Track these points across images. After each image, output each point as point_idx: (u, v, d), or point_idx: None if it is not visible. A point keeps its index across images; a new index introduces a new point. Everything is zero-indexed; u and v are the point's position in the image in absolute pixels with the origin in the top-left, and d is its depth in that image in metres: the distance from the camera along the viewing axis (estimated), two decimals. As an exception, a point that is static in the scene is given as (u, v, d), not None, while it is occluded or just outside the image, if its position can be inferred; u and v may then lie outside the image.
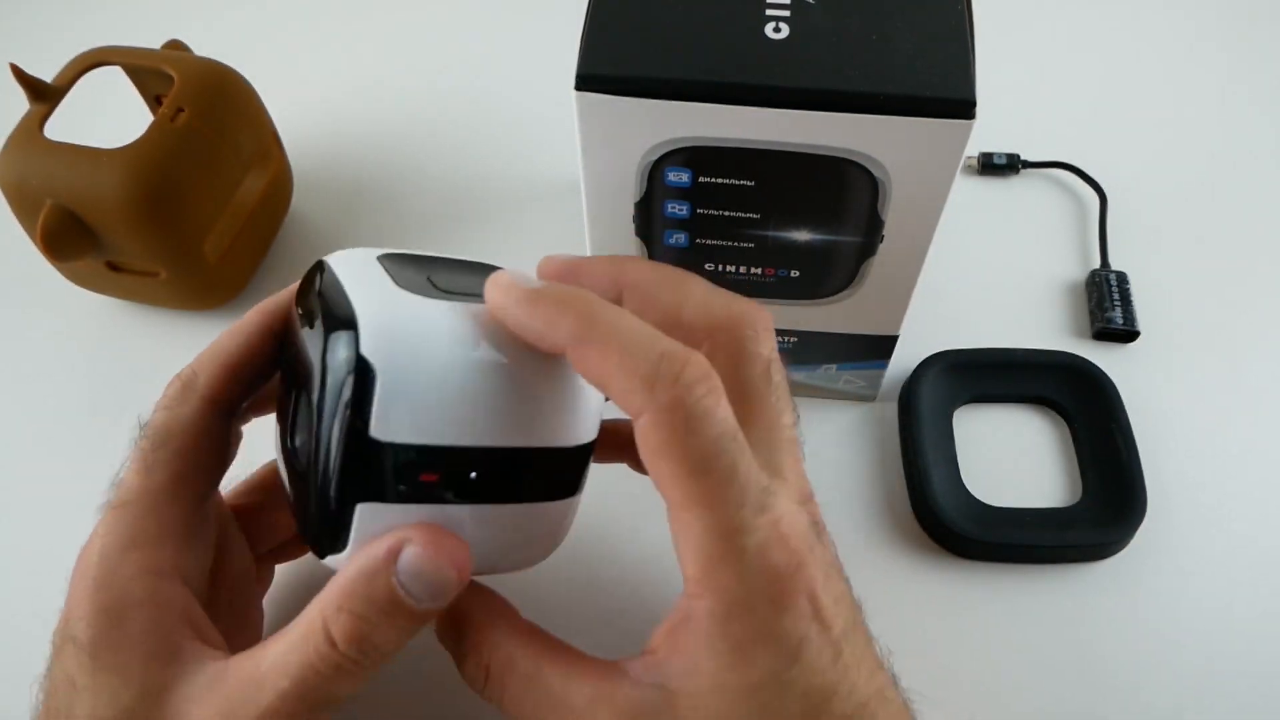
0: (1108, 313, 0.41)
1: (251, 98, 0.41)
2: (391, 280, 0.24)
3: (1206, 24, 0.53)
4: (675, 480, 0.22)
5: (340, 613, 0.23)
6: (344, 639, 0.23)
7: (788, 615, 0.22)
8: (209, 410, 0.27)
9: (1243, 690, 0.33)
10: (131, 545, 0.25)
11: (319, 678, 0.23)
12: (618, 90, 0.27)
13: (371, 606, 0.23)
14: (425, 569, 0.23)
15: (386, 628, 0.23)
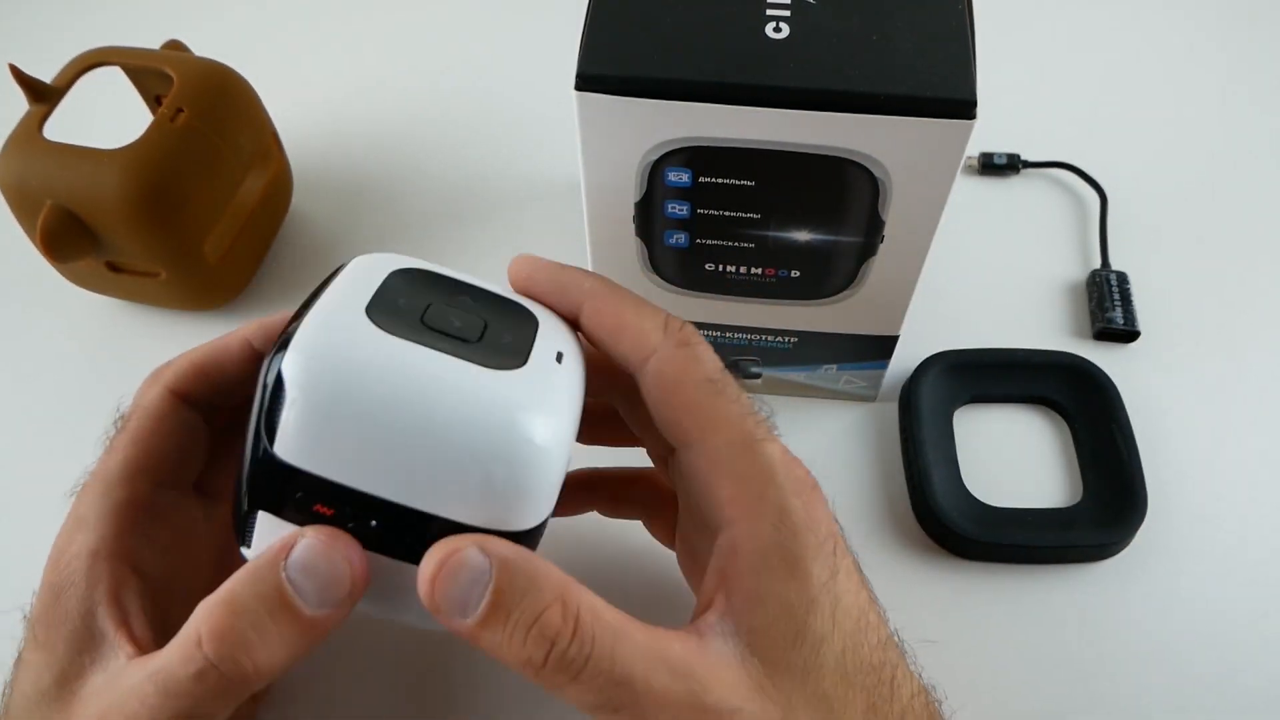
0: (1108, 313, 0.40)
1: (251, 98, 0.41)
2: (372, 303, 0.23)
3: (1206, 24, 0.53)
4: (690, 406, 0.24)
5: (215, 608, 0.21)
6: (210, 638, 0.21)
7: (825, 526, 0.24)
8: (169, 399, 0.27)
9: (1243, 690, 0.33)
10: (81, 525, 0.25)
11: (179, 688, 0.21)
12: (618, 90, 0.27)
13: (255, 602, 0.21)
14: (318, 563, 0.21)
15: (267, 632, 0.21)
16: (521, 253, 0.27)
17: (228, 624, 0.21)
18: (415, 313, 0.24)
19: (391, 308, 0.24)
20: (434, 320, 0.24)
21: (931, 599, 0.35)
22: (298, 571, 0.21)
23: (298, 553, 0.21)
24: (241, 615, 0.21)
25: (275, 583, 0.21)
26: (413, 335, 0.23)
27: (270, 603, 0.21)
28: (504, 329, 0.25)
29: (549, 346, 0.25)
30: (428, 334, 0.23)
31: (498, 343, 0.24)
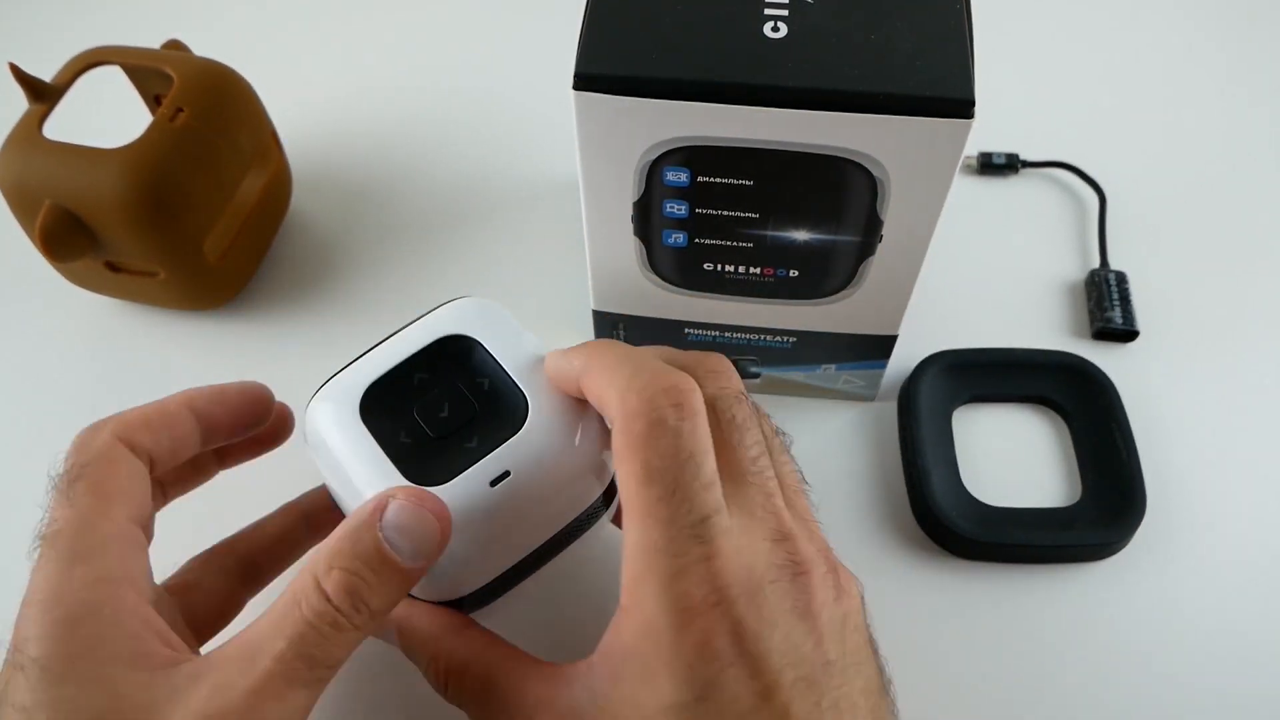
0: (1107, 312, 0.40)
1: (251, 98, 0.41)
2: (390, 373, 0.29)
3: (1206, 24, 0.53)
4: (625, 485, 0.24)
5: (331, 570, 0.24)
6: (337, 592, 0.24)
7: (695, 650, 0.22)
8: (116, 444, 0.27)
9: (1242, 690, 0.33)
10: (75, 561, 0.25)
11: (316, 634, 0.24)
12: (616, 90, 0.27)
13: (360, 562, 0.24)
14: (408, 522, 0.25)
15: (376, 584, 0.24)
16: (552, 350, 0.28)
17: (347, 580, 0.24)
18: (419, 393, 0.28)
19: (403, 382, 0.28)
20: (424, 409, 0.28)
21: (930, 598, 0.35)
22: (393, 531, 0.25)
23: (390, 514, 0.25)
24: (354, 572, 0.24)
25: (373, 541, 0.24)
26: (385, 423, 0.28)
27: (373, 560, 0.24)
28: (484, 427, 0.28)
29: (500, 463, 0.27)
30: (404, 424, 0.28)
31: (456, 448, 0.27)
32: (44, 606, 0.24)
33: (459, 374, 0.29)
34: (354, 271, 0.44)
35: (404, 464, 0.27)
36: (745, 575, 0.23)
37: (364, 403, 0.28)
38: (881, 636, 0.26)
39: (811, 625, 0.23)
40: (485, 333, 0.29)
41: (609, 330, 0.37)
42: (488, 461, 0.27)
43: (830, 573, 0.25)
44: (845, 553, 0.29)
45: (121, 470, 0.27)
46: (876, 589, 0.34)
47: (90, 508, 0.26)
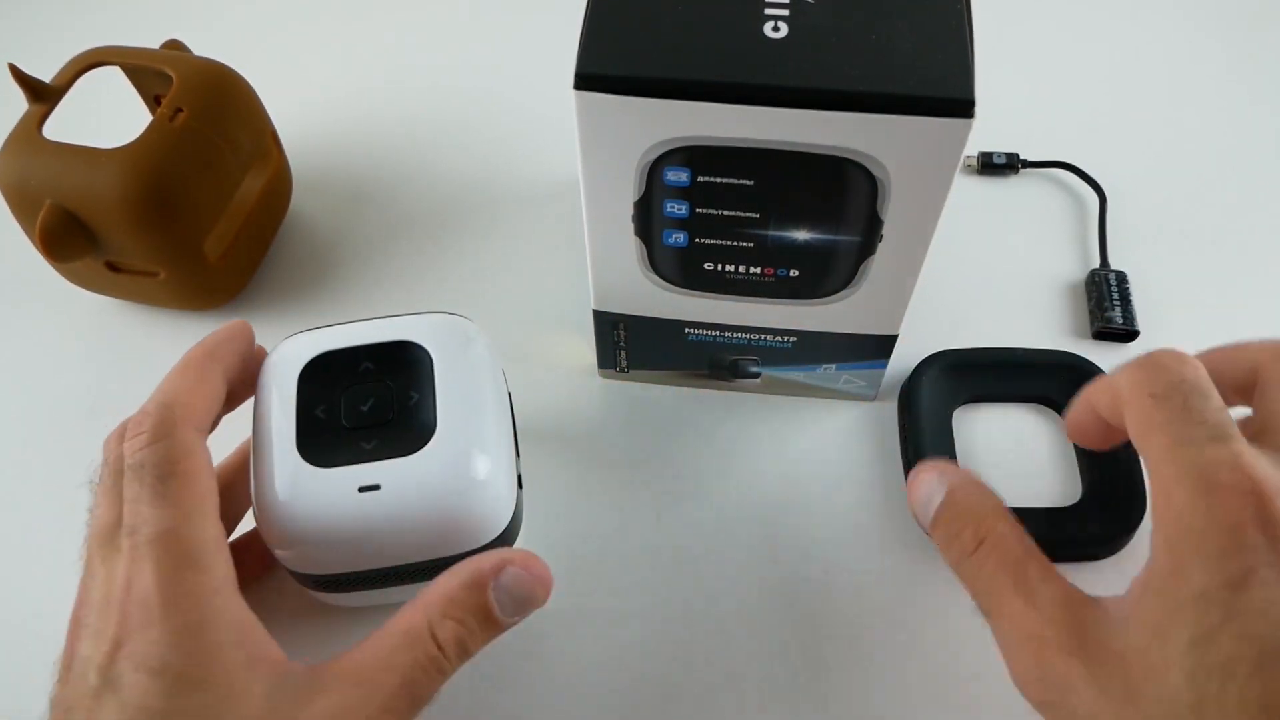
0: (1107, 312, 0.40)
1: (251, 98, 0.41)
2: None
3: (1207, 23, 0.53)
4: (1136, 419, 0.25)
5: (446, 620, 0.26)
6: (448, 642, 0.26)
7: (1227, 534, 0.22)
8: (198, 438, 0.27)
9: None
10: (185, 566, 0.25)
11: (425, 676, 0.25)
12: (617, 90, 0.27)
13: (472, 616, 0.26)
14: (518, 588, 0.27)
15: (480, 635, 0.26)
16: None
17: (459, 631, 0.26)
18: (356, 380, 0.29)
19: (349, 365, 0.29)
20: (351, 396, 0.29)
21: (931, 600, 0.35)
22: (504, 593, 0.27)
23: (506, 579, 0.27)
24: (464, 624, 0.26)
25: (484, 600, 0.26)
26: (314, 392, 0.29)
27: (481, 615, 0.26)
28: (387, 436, 0.28)
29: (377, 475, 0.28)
30: (327, 402, 0.29)
31: (354, 444, 0.28)
32: (164, 613, 0.24)
33: (398, 379, 0.29)
34: (354, 271, 0.44)
35: (305, 436, 0.28)
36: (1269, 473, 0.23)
37: (310, 366, 0.29)
38: (881, 637, 0.26)
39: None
40: (445, 354, 0.30)
41: (610, 330, 0.37)
42: (367, 468, 0.28)
43: None
44: (845, 553, 0.30)
45: (205, 464, 0.27)
46: (876, 590, 0.34)
47: (193, 509, 0.26)
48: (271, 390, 0.29)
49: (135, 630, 0.24)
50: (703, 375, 0.39)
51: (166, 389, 0.28)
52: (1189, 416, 0.24)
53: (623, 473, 0.38)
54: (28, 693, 0.26)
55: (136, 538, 0.25)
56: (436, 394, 0.29)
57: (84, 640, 0.25)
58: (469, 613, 0.26)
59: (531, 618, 0.28)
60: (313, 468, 0.27)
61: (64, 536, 0.29)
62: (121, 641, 0.24)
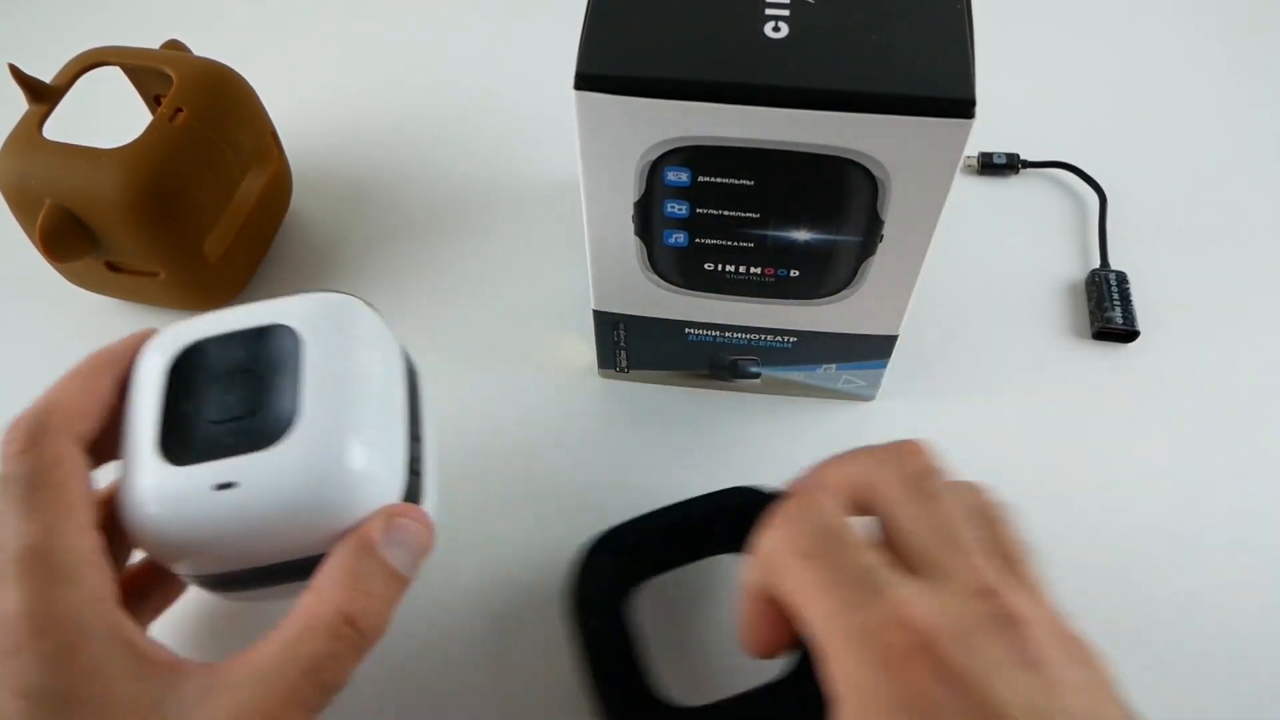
0: (1107, 313, 0.41)
1: (251, 98, 0.41)
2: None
3: (1207, 23, 0.53)
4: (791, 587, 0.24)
5: (353, 593, 0.25)
6: (358, 617, 0.25)
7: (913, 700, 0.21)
8: (70, 446, 0.26)
9: (1247, 692, 0.33)
10: (56, 581, 0.24)
11: (335, 661, 0.24)
12: (617, 90, 0.27)
13: (372, 582, 0.25)
14: (405, 537, 0.26)
15: (387, 597, 0.26)
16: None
17: (363, 602, 0.25)
18: (203, 412, 0.27)
19: (223, 354, 0.27)
20: (221, 389, 0.27)
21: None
22: (397, 547, 0.26)
23: (395, 533, 0.26)
24: (368, 594, 0.25)
25: (382, 562, 0.25)
26: (183, 383, 0.27)
27: (383, 577, 0.26)
28: (248, 430, 0.26)
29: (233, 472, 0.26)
30: (194, 395, 0.27)
31: (215, 439, 0.26)
32: (30, 636, 0.23)
33: (267, 367, 0.27)
34: (354, 271, 0.44)
35: (170, 433, 0.26)
36: (947, 621, 0.22)
37: (181, 358, 0.28)
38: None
39: (1041, 675, 0.21)
40: (317, 336, 0.27)
41: (610, 330, 0.37)
42: (224, 464, 0.26)
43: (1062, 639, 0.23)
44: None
45: (79, 473, 0.26)
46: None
47: (60, 520, 0.25)
48: (139, 386, 0.27)
49: (4, 655, 0.23)
50: (703, 375, 0.39)
51: (47, 395, 0.27)
52: (837, 575, 0.23)
53: (621, 473, 0.38)
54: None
55: (2, 555, 0.24)
56: (302, 381, 0.26)
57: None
58: (369, 580, 0.25)
59: (548, 631, 0.27)
60: (169, 466, 0.26)
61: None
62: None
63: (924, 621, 0.21)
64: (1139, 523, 0.36)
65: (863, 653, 0.22)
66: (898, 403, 0.39)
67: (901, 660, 0.21)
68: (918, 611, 0.22)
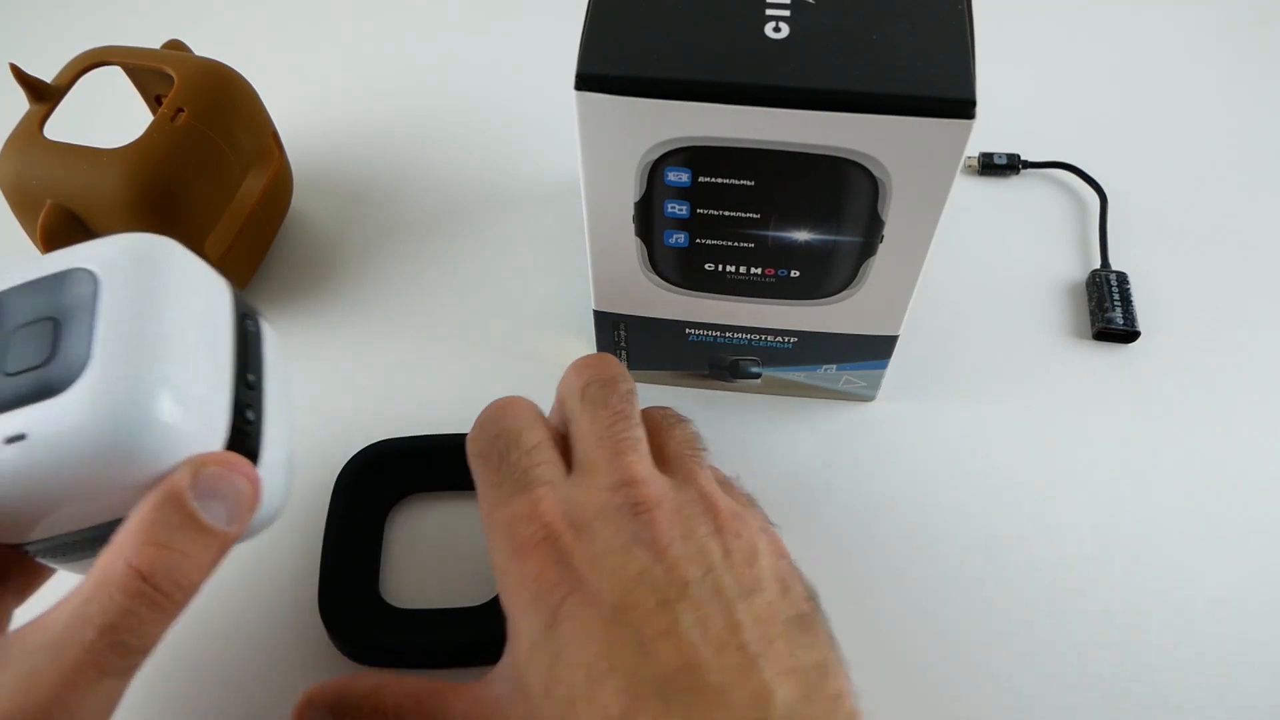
0: (1108, 313, 0.41)
1: (251, 98, 0.41)
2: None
3: (1208, 23, 0.53)
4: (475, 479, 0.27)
5: (145, 547, 0.23)
6: (153, 571, 0.23)
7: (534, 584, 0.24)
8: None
9: (1247, 691, 0.33)
10: None
11: (132, 618, 0.22)
12: (618, 90, 0.27)
13: (177, 534, 0.23)
14: (220, 487, 0.24)
15: (195, 554, 0.23)
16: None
17: (163, 555, 0.23)
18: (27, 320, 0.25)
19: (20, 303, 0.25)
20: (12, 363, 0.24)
21: (930, 599, 0.35)
22: (208, 497, 0.23)
23: (204, 481, 0.23)
24: (170, 546, 0.23)
25: (187, 511, 0.23)
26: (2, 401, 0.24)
27: (190, 530, 0.23)
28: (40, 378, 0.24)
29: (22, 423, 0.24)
30: (10, 387, 0.24)
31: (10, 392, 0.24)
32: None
33: (66, 314, 0.25)
34: (354, 271, 0.44)
35: (39, 398, 0.24)
36: (573, 511, 0.25)
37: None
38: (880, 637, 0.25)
39: (658, 553, 0.24)
40: (118, 278, 0.25)
41: (610, 330, 0.37)
42: (12, 416, 0.23)
43: (704, 514, 0.26)
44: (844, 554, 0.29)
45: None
46: (875, 589, 0.34)
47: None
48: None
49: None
50: (703, 375, 0.39)
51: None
52: (500, 475, 0.26)
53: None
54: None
55: None
56: (96, 324, 0.24)
57: None
58: (173, 531, 0.23)
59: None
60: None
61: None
62: None
63: (550, 514, 0.25)
64: (1139, 522, 0.36)
65: (502, 543, 0.25)
66: (898, 403, 0.39)
67: (528, 548, 0.24)
68: (546, 506, 0.25)
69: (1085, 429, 0.38)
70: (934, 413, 0.39)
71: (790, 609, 0.25)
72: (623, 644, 0.23)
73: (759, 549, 0.26)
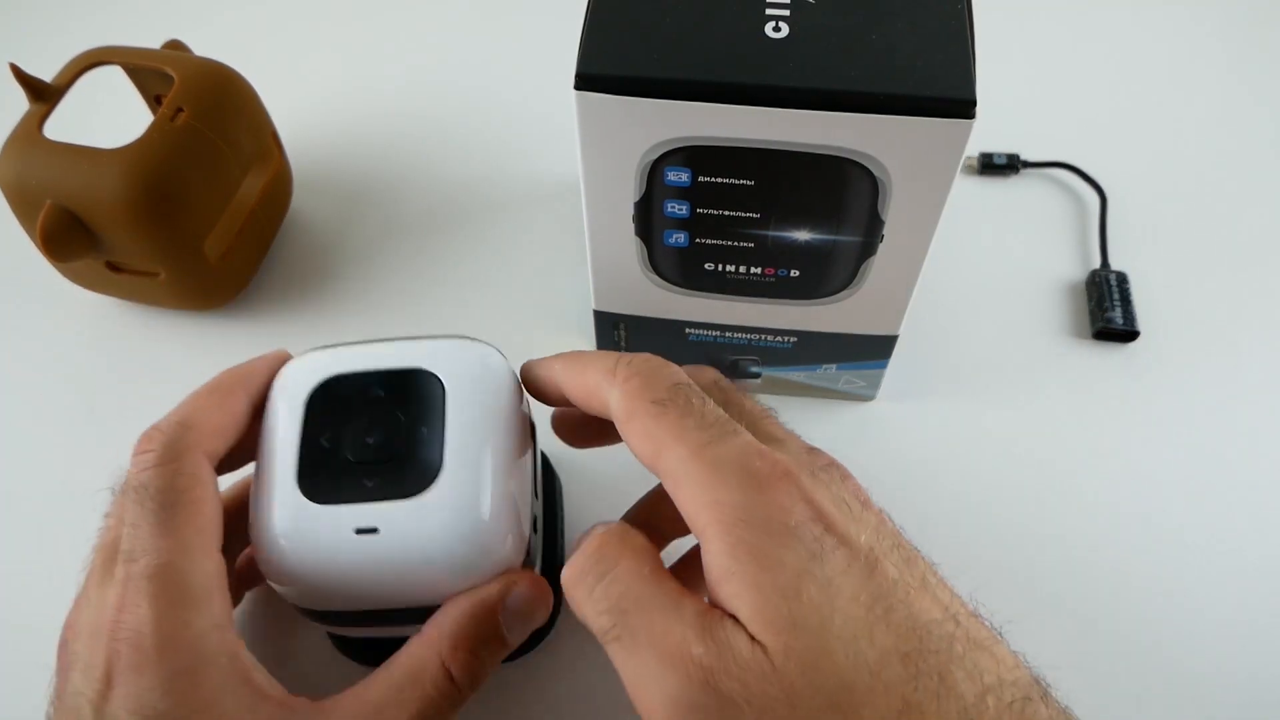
0: (1108, 313, 0.41)
1: (251, 98, 0.41)
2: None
3: (1208, 23, 0.53)
4: (644, 434, 0.25)
5: (459, 651, 0.26)
6: (461, 674, 0.26)
7: (789, 512, 0.23)
8: (206, 465, 0.26)
9: (1247, 690, 0.33)
10: (181, 605, 0.24)
11: (437, 712, 0.25)
12: (617, 90, 0.27)
13: (483, 645, 0.26)
14: (527, 609, 0.27)
15: (492, 662, 0.26)
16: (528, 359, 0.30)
17: (471, 662, 0.26)
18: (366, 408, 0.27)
19: (361, 390, 0.28)
20: (358, 427, 0.27)
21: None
22: (511, 616, 0.27)
23: (514, 601, 0.27)
24: (475, 654, 0.26)
25: (495, 625, 0.26)
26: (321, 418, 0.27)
27: (492, 639, 0.26)
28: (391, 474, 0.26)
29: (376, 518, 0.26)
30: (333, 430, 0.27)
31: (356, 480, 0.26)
32: (158, 653, 0.23)
33: (408, 411, 0.27)
34: (354, 271, 0.44)
35: (307, 467, 0.26)
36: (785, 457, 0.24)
37: (320, 389, 0.28)
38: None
39: (873, 513, 0.25)
40: (460, 386, 0.28)
41: (610, 330, 0.37)
42: (366, 509, 0.26)
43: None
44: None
45: (211, 494, 0.26)
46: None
47: (194, 542, 0.25)
48: (278, 413, 0.28)
49: (127, 670, 0.23)
50: (703, 375, 0.39)
51: (186, 407, 0.27)
52: (700, 419, 0.25)
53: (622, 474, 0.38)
54: (20, 692, 0.27)
55: (132, 568, 0.24)
56: (446, 431, 0.27)
57: (75, 671, 0.25)
58: (480, 643, 0.26)
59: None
60: (310, 504, 0.26)
61: (63, 537, 0.29)
62: (113, 680, 0.23)
63: (780, 456, 0.24)
64: (1139, 522, 0.36)
65: (731, 477, 0.23)
66: (898, 403, 0.39)
67: (773, 481, 0.23)
68: (770, 450, 0.24)
69: (1085, 429, 0.38)
70: (934, 413, 0.39)
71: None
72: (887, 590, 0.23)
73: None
